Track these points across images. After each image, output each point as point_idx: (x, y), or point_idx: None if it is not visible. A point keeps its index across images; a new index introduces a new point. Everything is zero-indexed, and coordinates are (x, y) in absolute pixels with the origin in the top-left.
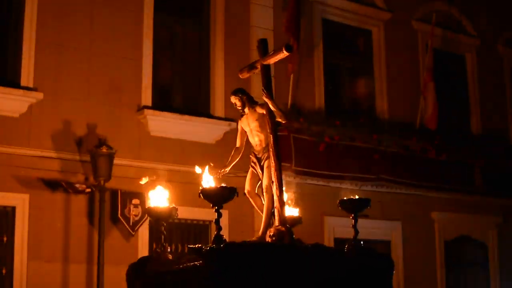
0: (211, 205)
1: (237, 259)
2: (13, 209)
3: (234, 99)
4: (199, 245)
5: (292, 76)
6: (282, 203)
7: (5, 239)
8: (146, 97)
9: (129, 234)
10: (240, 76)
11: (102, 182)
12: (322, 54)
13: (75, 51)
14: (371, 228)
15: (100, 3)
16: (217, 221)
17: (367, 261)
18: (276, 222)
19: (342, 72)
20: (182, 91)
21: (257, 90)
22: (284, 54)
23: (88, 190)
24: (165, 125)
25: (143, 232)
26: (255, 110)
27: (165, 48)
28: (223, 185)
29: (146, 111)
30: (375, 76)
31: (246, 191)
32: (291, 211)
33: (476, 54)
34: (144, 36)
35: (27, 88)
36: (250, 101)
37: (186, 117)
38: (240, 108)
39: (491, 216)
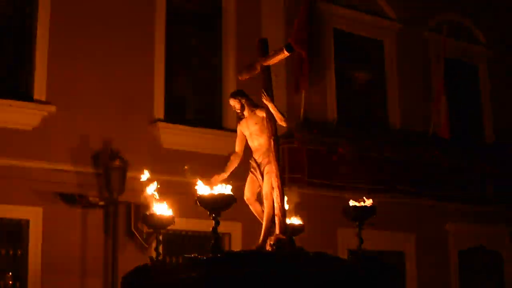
0: (208, 213)
1: (234, 269)
2: (27, 222)
3: (233, 102)
4: (196, 255)
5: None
6: (283, 211)
7: (19, 252)
8: (159, 110)
9: (142, 247)
10: (240, 78)
11: (115, 195)
12: (334, 64)
13: (88, 64)
14: (384, 239)
15: (112, 16)
16: (214, 230)
17: (371, 271)
18: (277, 231)
19: (354, 83)
20: (194, 104)
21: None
22: (285, 54)
23: (102, 203)
24: (178, 137)
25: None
26: (255, 113)
27: (177, 61)
28: (221, 192)
29: (159, 123)
30: (387, 86)
31: (245, 198)
32: (294, 220)
33: (488, 63)
34: (156, 49)
35: (40, 101)
36: (249, 104)
37: (199, 129)
38: (239, 111)
39: (505, 226)
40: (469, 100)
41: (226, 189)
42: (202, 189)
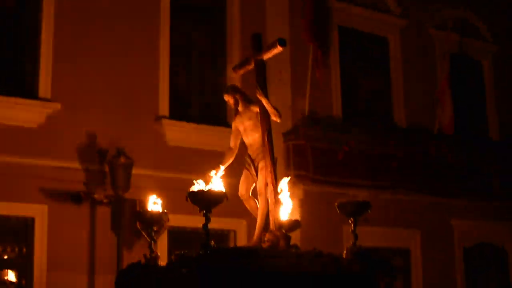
0: (199, 210)
1: (222, 265)
2: (32, 220)
3: (227, 98)
4: (186, 252)
5: (308, 83)
6: (276, 206)
7: (24, 250)
8: (164, 107)
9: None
10: (234, 74)
11: (120, 192)
12: (339, 61)
13: (92, 61)
14: (389, 236)
15: (117, 13)
16: (205, 226)
17: (365, 267)
18: (271, 227)
19: (359, 79)
20: (199, 101)
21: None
22: (278, 49)
23: (107, 200)
24: (183, 134)
25: (162, 241)
26: (249, 109)
27: (182, 58)
28: (212, 188)
29: (164, 120)
30: (392, 83)
31: (239, 194)
32: (290, 215)
33: (493, 59)
34: (161, 45)
35: (45, 99)
36: (244, 100)
37: (204, 126)
38: (233, 106)
39: (511, 222)
40: (474, 96)
41: (217, 185)
42: (195, 185)
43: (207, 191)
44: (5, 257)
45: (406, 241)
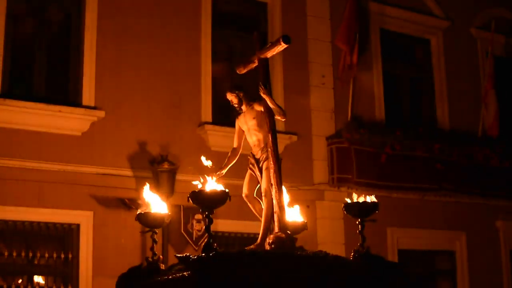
0: (201, 210)
1: (224, 268)
2: (78, 226)
3: (230, 96)
4: (187, 254)
5: (351, 87)
6: (282, 208)
7: (70, 256)
8: (206, 113)
9: (192, 249)
10: (238, 72)
11: (164, 198)
12: (381, 64)
13: (135, 69)
14: (435, 239)
15: (158, 21)
16: (207, 228)
17: (374, 269)
18: (276, 229)
19: (402, 82)
20: None
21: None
22: (282, 46)
23: None
24: (226, 140)
25: None
26: (253, 108)
27: (223, 64)
28: (214, 189)
29: (207, 126)
30: (435, 85)
31: (244, 195)
32: (295, 217)
33: None
34: (202, 51)
35: (88, 107)
36: (247, 98)
37: None
38: (236, 105)
39: None
40: None
41: (219, 186)
42: (197, 186)
43: (209, 192)
44: (51, 263)
45: (452, 243)
